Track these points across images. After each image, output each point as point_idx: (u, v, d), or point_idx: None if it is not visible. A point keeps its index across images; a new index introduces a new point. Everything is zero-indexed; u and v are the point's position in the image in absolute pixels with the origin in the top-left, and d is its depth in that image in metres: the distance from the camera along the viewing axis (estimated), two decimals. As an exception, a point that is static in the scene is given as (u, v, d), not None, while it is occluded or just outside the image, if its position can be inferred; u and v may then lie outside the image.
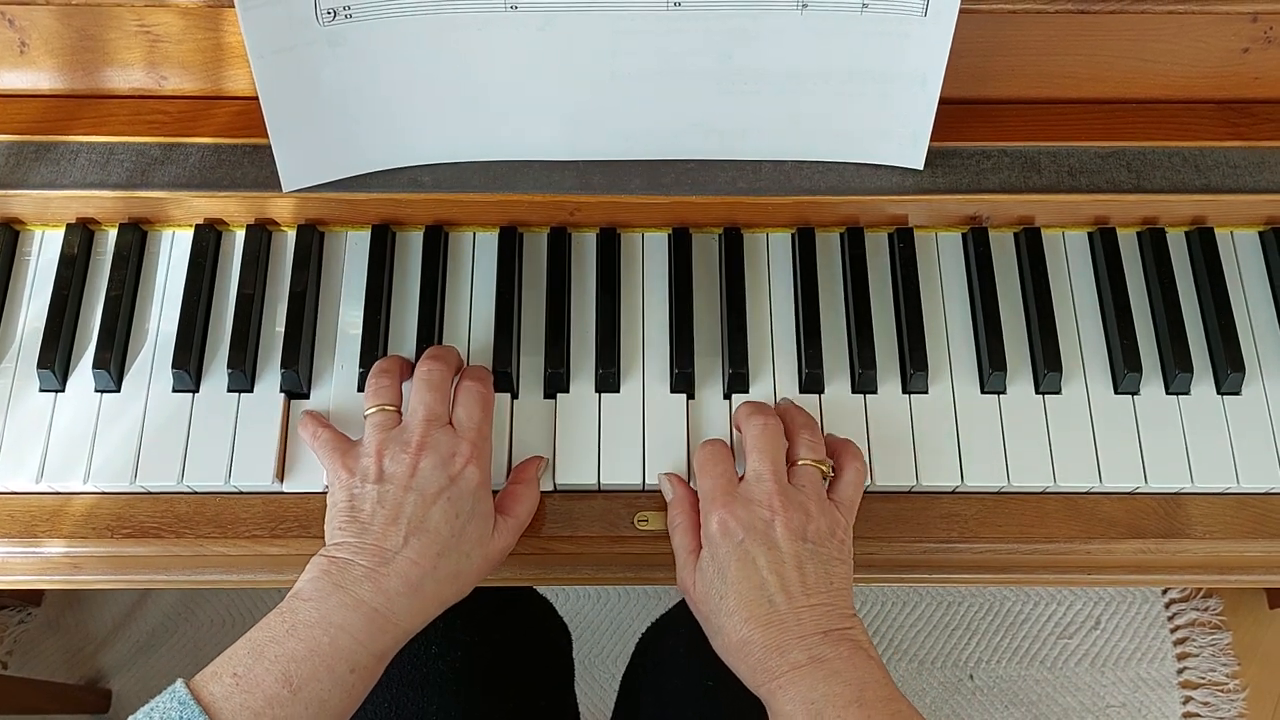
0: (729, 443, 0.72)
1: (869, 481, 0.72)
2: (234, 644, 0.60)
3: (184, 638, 1.44)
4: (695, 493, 0.69)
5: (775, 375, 0.75)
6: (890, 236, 0.79)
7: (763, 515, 0.65)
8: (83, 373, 0.74)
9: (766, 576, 0.63)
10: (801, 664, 0.61)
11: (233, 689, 0.58)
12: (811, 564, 0.64)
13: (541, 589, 0.98)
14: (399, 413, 0.69)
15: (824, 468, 0.68)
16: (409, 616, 0.63)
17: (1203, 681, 1.44)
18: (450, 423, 0.68)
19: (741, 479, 0.67)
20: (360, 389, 0.74)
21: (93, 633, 1.44)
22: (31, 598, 1.45)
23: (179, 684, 0.58)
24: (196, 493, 0.72)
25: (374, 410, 0.69)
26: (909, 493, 0.73)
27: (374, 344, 0.74)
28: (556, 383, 0.74)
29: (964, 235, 0.79)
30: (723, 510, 0.65)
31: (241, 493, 0.72)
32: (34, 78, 0.76)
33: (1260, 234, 0.80)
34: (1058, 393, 0.75)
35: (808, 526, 0.65)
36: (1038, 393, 0.75)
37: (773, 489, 0.65)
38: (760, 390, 0.75)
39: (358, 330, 0.75)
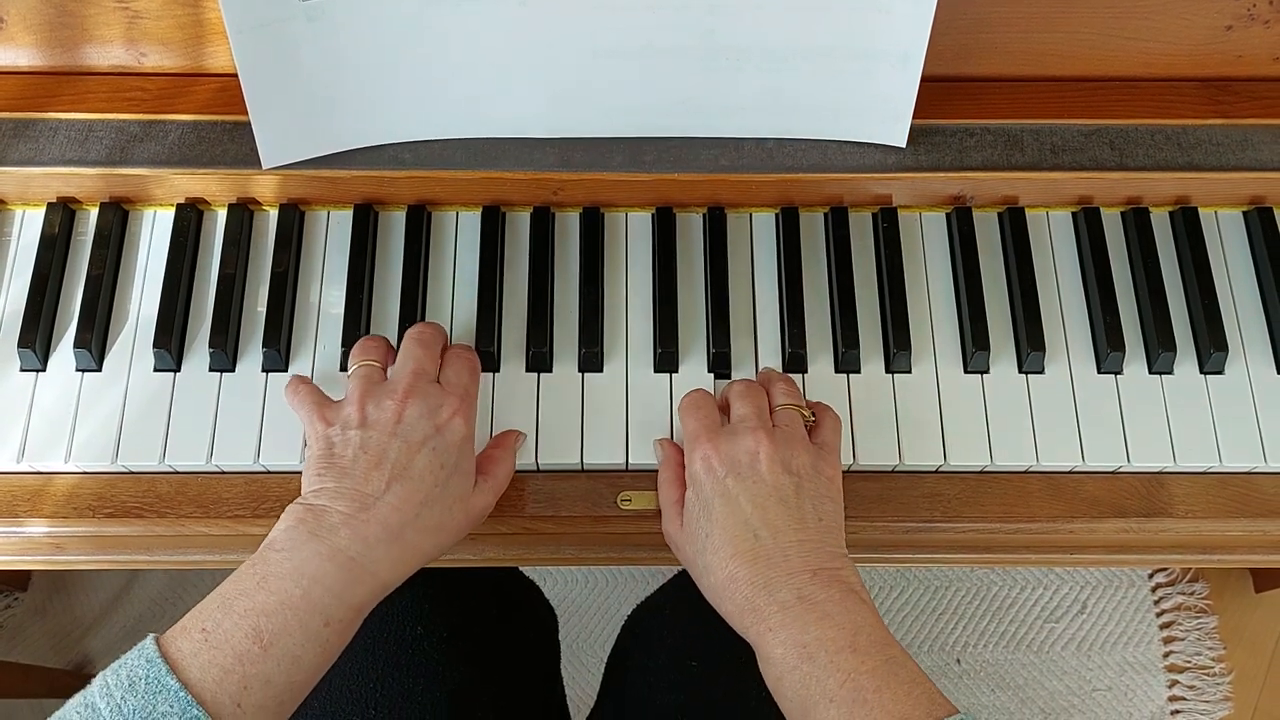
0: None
1: (852, 461, 0.72)
2: (206, 597, 0.59)
3: (172, 622, 1.39)
4: (683, 451, 0.69)
5: (759, 354, 0.75)
6: (874, 216, 0.79)
7: (747, 447, 0.64)
8: (64, 352, 0.74)
9: (750, 511, 0.63)
10: (790, 604, 0.60)
11: (201, 645, 0.56)
12: (796, 498, 0.63)
13: (528, 570, 0.98)
14: (384, 371, 0.68)
15: (804, 412, 0.68)
16: (388, 566, 0.61)
17: (1188, 665, 1.45)
18: (438, 382, 0.67)
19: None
20: (343, 368, 0.74)
21: (80, 617, 1.43)
22: (18, 582, 1.44)
23: (149, 640, 0.56)
24: (178, 472, 0.72)
25: (358, 365, 0.68)
26: (892, 472, 0.73)
27: (356, 323, 0.74)
28: (539, 362, 0.74)
29: (948, 215, 0.79)
30: (706, 446, 0.65)
31: (223, 472, 0.72)
32: (12, 54, 0.76)
33: (1244, 214, 0.80)
34: (1041, 372, 0.75)
35: (792, 460, 0.65)
36: (1021, 372, 0.75)
37: (756, 424, 0.65)
38: (744, 370, 0.75)
39: (340, 310, 0.75)
